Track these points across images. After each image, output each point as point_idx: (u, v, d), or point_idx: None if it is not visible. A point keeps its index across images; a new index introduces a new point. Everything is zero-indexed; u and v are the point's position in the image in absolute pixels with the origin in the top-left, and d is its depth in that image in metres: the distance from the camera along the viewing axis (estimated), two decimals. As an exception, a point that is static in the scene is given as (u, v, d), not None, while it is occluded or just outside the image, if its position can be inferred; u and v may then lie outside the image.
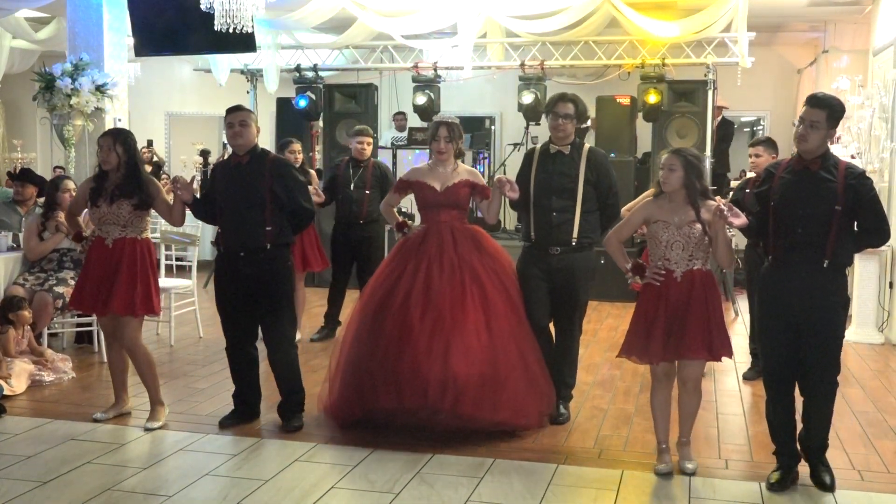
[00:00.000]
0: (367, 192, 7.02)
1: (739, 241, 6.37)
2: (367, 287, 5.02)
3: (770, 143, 6.18)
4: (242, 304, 4.90)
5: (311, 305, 8.17)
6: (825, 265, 3.97)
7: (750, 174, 6.42)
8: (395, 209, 5.24)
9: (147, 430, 4.86)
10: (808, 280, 3.98)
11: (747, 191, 6.09)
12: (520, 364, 4.70)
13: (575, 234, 4.96)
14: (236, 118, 4.87)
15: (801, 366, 4.09)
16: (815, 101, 4.00)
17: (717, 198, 4.44)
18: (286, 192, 4.86)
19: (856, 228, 4.06)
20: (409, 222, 5.12)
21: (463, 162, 5.15)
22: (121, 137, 4.96)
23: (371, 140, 7.23)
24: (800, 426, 4.20)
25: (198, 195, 5.08)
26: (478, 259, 4.85)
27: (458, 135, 5.04)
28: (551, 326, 5.17)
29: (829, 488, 4.05)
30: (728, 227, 4.15)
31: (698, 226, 4.15)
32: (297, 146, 7.03)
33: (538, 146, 5.20)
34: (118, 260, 4.90)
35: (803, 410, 4.17)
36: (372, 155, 7.41)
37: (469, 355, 4.54)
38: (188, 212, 5.10)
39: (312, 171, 7.70)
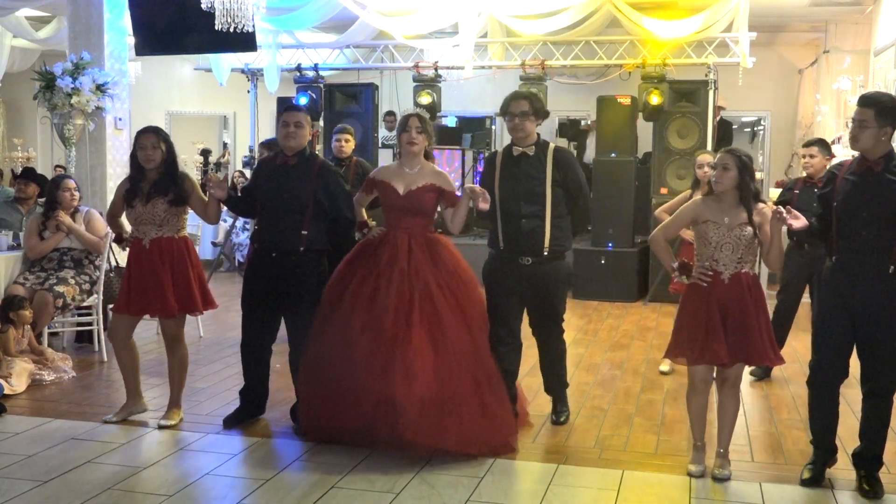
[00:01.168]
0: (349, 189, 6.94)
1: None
2: (323, 295, 4.71)
3: (824, 144, 6.10)
4: (267, 303, 4.85)
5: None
6: (891, 270, 3.89)
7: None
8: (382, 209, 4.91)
9: (161, 426, 4.85)
10: (875, 284, 3.92)
11: (796, 191, 6.05)
12: (471, 389, 4.38)
13: (547, 243, 4.69)
14: (292, 118, 4.78)
15: (862, 371, 4.06)
16: (863, 100, 3.95)
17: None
18: (330, 199, 4.78)
19: None
20: (372, 223, 4.83)
21: (433, 163, 4.83)
22: (162, 134, 4.89)
23: (350, 137, 7.05)
24: (846, 440, 4.18)
25: (204, 195, 5.06)
26: (432, 274, 4.50)
27: (429, 130, 4.74)
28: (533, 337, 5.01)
29: (875, 497, 3.99)
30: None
31: (749, 228, 4.09)
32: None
33: (501, 149, 4.92)
34: (158, 260, 4.82)
35: (861, 421, 4.13)
36: (368, 155, 7.37)
37: (410, 376, 4.24)
38: (190, 211, 5.09)
39: None
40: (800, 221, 3.98)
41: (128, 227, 5.10)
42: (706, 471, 4.25)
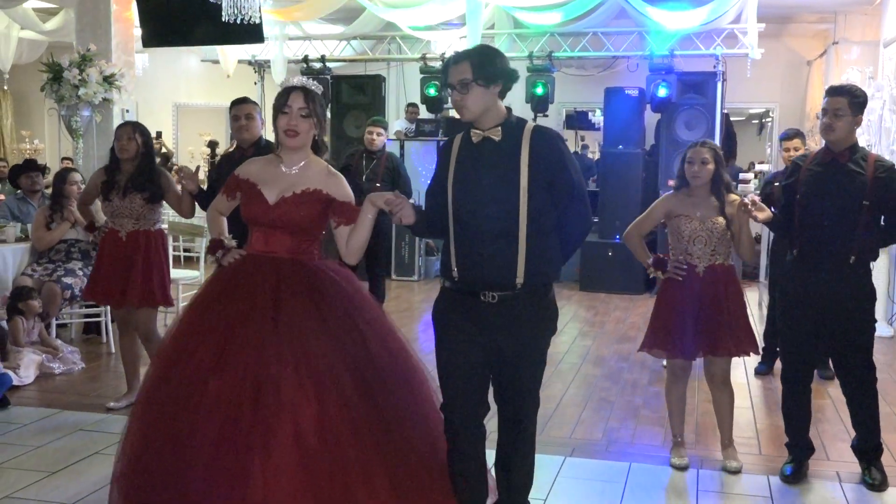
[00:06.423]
0: (378, 184, 6.87)
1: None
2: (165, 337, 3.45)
3: (802, 135, 6.12)
4: None
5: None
6: (851, 261, 3.91)
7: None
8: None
9: None
10: (835, 274, 3.94)
11: (776, 184, 6.05)
12: (384, 492, 2.97)
13: (521, 273, 3.03)
14: (242, 111, 4.86)
15: (836, 365, 4.10)
16: (834, 90, 3.98)
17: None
18: None
19: (882, 223, 3.99)
20: (228, 242, 3.41)
21: (324, 158, 3.42)
22: (140, 127, 5.06)
23: (382, 131, 7.14)
24: (853, 433, 4.18)
25: (204, 186, 5.08)
26: (317, 318, 3.10)
27: (321, 111, 3.31)
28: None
29: (879, 489, 4.01)
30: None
31: (721, 219, 4.11)
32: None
33: (460, 134, 3.21)
34: (133, 252, 4.99)
35: (851, 414, 4.15)
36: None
37: (278, 474, 2.86)
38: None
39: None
40: (764, 213, 4.03)
41: (100, 216, 5.28)
42: (689, 463, 4.26)
